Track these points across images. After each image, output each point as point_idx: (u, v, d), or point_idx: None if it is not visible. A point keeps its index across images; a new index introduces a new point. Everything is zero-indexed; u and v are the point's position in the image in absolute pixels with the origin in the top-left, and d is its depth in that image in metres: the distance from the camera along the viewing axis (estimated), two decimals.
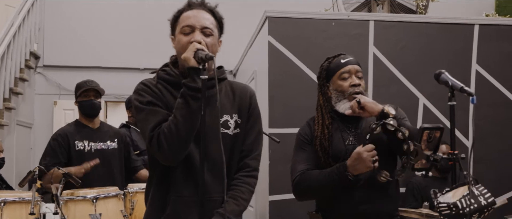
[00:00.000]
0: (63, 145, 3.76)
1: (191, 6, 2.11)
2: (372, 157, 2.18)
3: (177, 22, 2.11)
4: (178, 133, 1.88)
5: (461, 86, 2.07)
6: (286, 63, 4.31)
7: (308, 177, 2.43)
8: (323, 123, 2.46)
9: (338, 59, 2.48)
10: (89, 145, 3.82)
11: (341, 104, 2.41)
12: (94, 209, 3.23)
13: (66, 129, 3.88)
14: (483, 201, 1.94)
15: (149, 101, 2.00)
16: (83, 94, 3.85)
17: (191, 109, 1.89)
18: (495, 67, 4.62)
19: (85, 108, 3.86)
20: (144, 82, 2.09)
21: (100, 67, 7.18)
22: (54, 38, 7.30)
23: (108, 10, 7.43)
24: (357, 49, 4.43)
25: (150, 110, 1.98)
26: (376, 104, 2.31)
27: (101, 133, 3.93)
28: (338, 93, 2.44)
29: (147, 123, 1.95)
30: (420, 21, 4.68)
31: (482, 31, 4.63)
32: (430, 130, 2.01)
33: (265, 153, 4.30)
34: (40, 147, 6.97)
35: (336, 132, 2.42)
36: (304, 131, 2.57)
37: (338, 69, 2.45)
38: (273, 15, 4.36)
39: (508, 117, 4.57)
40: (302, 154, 2.52)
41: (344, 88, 2.42)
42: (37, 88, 7.24)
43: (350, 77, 2.42)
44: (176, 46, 2.10)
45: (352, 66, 2.44)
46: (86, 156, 3.78)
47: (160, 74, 2.11)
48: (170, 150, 1.90)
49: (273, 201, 4.18)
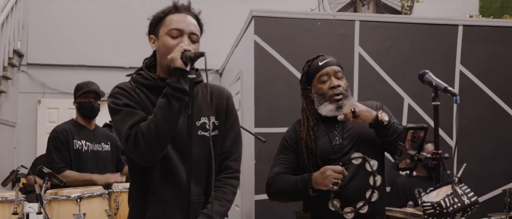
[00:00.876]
0: (64, 142, 3.75)
1: (178, 9, 2.10)
2: (335, 178, 2.21)
3: (162, 23, 2.08)
4: (157, 132, 1.86)
5: (445, 87, 2.08)
6: (272, 63, 4.31)
7: (279, 180, 2.48)
8: (308, 125, 2.48)
9: (316, 62, 2.51)
10: (86, 145, 3.82)
11: (323, 107, 2.43)
12: (78, 208, 3.21)
13: (65, 127, 3.87)
14: (466, 200, 1.96)
15: (126, 103, 1.98)
16: (83, 95, 3.84)
17: (173, 109, 1.88)
18: (478, 68, 4.67)
19: (84, 109, 3.86)
20: (121, 85, 2.07)
21: (85, 65, 7.12)
22: (38, 36, 7.22)
23: (93, 9, 7.37)
24: (343, 49, 4.45)
25: (128, 111, 1.96)
26: (370, 111, 2.33)
27: (96, 135, 3.93)
28: (319, 96, 2.46)
29: (124, 123, 1.93)
30: (405, 22, 4.71)
31: (466, 32, 4.68)
32: (414, 130, 2.03)
33: (251, 152, 4.30)
34: (24, 146, 6.94)
35: (322, 133, 2.44)
36: (289, 135, 2.59)
37: (317, 72, 2.48)
38: (259, 15, 4.36)
39: (491, 117, 4.62)
40: (281, 157, 2.56)
41: (324, 90, 2.44)
42: (21, 86, 7.16)
43: (329, 79, 2.44)
44: (159, 48, 2.07)
45: (330, 68, 2.45)
46: (83, 156, 3.78)
47: (136, 78, 2.08)
48: (147, 149, 1.88)
49: (259, 200, 4.18)
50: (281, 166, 2.52)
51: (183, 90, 1.89)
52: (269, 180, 2.52)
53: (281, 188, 2.47)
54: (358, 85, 4.43)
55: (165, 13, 2.10)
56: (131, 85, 2.07)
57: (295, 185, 2.38)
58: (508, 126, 4.66)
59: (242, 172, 4.90)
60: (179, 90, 1.88)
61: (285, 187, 2.44)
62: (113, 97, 2.02)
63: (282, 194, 2.51)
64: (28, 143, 6.98)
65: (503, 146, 4.61)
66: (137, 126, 1.90)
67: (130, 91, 2.03)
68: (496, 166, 4.56)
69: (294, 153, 2.50)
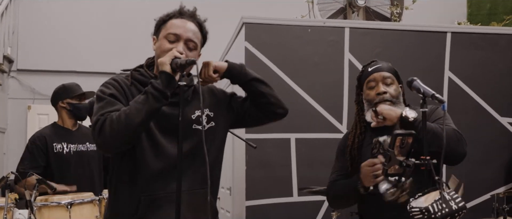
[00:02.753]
0: (41, 148, 3.70)
1: (182, 14, 2.12)
2: (372, 172, 2.16)
3: (164, 26, 2.11)
4: (126, 123, 1.85)
5: (433, 93, 2.10)
6: (262, 69, 4.32)
7: (334, 187, 2.50)
8: (355, 133, 2.46)
9: (367, 68, 2.48)
10: (68, 147, 3.78)
11: (368, 113, 2.40)
12: (68, 215, 3.20)
13: (43, 132, 3.83)
14: (454, 205, 1.98)
15: (112, 94, 1.99)
16: (77, 97, 3.82)
17: (149, 107, 1.88)
18: (467, 74, 4.72)
19: (80, 110, 3.82)
20: (116, 77, 2.09)
21: (75, 71, 7.10)
22: (28, 42, 7.20)
23: (84, 14, 7.36)
24: (333, 56, 4.48)
25: (109, 100, 1.96)
26: (394, 109, 2.27)
27: (79, 135, 3.89)
28: (367, 102, 2.43)
29: (101, 110, 1.93)
30: (395, 29, 4.75)
31: (454, 39, 4.73)
32: (403, 136, 2.05)
33: (242, 158, 4.31)
34: (14, 153, 6.89)
35: (368, 141, 2.39)
36: (341, 141, 2.59)
37: (366, 78, 2.45)
38: (250, 21, 4.38)
39: (479, 123, 4.67)
40: (336, 164, 2.58)
41: (370, 97, 2.40)
42: (11, 92, 7.13)
43: (376, 85, 2.40)
44: (156, 49, 2.11)
45: (378, 74, 2.42)
46: (65, 158, 3.74)
47: (134, 74, 2.11)
48: (111, 136, 1.86)
49: (250, 206, 4.19)
50: (336, 173, 2.53)
51: (164, 94, 1.91)
52: (327, 189, 2.57)
53: (336, 194, 2.49)
54: (348, 92, 4.46)
55: (169, 17, 2.13)
56: (127, 80, 2.08)
57: (347, 188, 2.37)
58: (495, 131, 4.71)
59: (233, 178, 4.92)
60: (159, 92, 1.90)
61: (340, 192, 2.46)
62: (103, 85, 2.05)
63: (340, 199, 2.52)
64: (18, 149, 6.89)
65: (491, 152, 4.66)
66: (108, 114, 1.90)
67: (123, 85, 2.05)
68: (484, 171, 4.61)
69: (346, 157, 2.50)
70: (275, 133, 4.30)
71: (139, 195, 2.01)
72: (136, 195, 2.01)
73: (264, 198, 4.22)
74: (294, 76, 4.39)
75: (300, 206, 4.25)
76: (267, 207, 4.22)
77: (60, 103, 3.84)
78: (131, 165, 2.02)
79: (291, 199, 4.28)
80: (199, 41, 2.15)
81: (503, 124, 4.73)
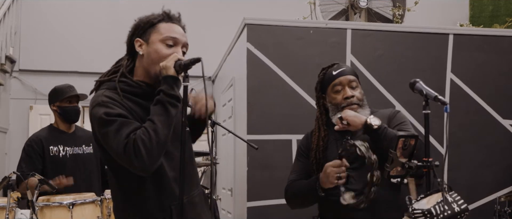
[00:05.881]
0: (37, 150, 3.69)
1: (171, 19, 2.08)
2: (336, 173, 2.19)
3: (154, 29, 2.05)
4: (158, 139, 1.83)
5: (435, 95, 2.10)
6: (264, 70, 4.33)
7: (293, 186, 2.51)
8: (319, 135, 2.46)
9: (331, 71, 2.46)
10: (64, 149, 3.76)
11: (336, 117, 2.38)
12: (70, 215, 3.19)
13: (39, 134, 3.81)
14: (456, 207, 1.98)
15: (120, 113, 1.90)
16: (67, 100, 3.80)
17: (170, 115, 1.89)
18: (469, 76, 4.72)
19: (69, 113, 3.80)
20: (108, 95, 1.96)
21: (77, 71, 7.11)
22: (30, 42, 7.21)
23: (85, 15, 7.37)
24: (335, 57, 4.47)
25: (123, 121, 1.87)
26: (359, 117, 2.27)
27: (76, 137, 3.87)
28: (332, 106, 2.42)
29: (119, 133, 1.84)
30: (397, 30, 4.76)
31: (456, 41, 4.73)
32: (405, 138, 2.04)
33: (243, 159, 4.31)
34: (15, 153, 6.86)
35: (332, 143, 2.41)
36: (302, 142, 2.60)
37: (331, 82, 2.43)
38: (252, 23, 4.39)
39: (482, 125, 4.67)
40: (296, 164, 2.59)
41: (337, 101, 2.40)
42: (13, 92, 7.13)
43: (343, 89, 2.40)
44: (150, 54, 2.02)
45: (344, 77, 2.41)
46: (61, 161, 3.72)
47: (123, 87, 2.01)
48: (149, 157, 1.81)
49: (251, 207, 4.19)
50: (296, 173, 2.55)
51: (177, 97, 1.91)
52: (286, 187, 2.57)
53: (295, 193, 2.50)
54: None
55: (158, 20, 2.07)
56: (117, 94, 1.98)
57: (307, 188, 2.39)
58: (498, 133, 4.70)
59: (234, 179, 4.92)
60: (174, 97, 1.90)
61: (298, 192, 2.48)
62: (104, 106, 1.91)
63: (297, 198, 2.53)
64: (20, 149, 6.88)
65: (493, 154, 4.66)
66: (133, 134, 1.83)
67: (119, 100, 1.95)
68: (486, 173, 4.60)
69: (308, 160, 2.51)
70: (276, 134, 4.30)
71: (169, 204, 1.99)
72: (165, 205, 2.00)
73: (265, 199, 4.22)
74: (296, 77, 4.39)
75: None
76: (268, 208, 4.22)
77: (52, 106, 3.84)
78: (154, 177, 1.97)
79: None
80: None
81: (505, 126, 4.73)
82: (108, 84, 2.04)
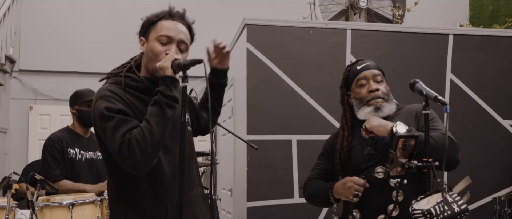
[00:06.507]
0: (60, 150, 3.70)
1: (172, 16, 2.10)
2: (355, 190, 2.19)
3: (153, 27, 2.08)
4: (152, 139, 1.85)
5: (435, 96, 2.10)
6: (264, 71, 4.33)
7: (310, 184, 2.52)
8: (343, 135, 2.44)
9: (355, 66, 2.46)
10: (80, 153, 3.77)
11: (361, 111, 2.38)
12: (70, 215, 3.19)
13: (59, 135, 3.80)
14: (456, 208, 1.98)
15: (120, 109, 1.93)
16: (85, 103, 3.80)
17: (167, 116, 1.90)
18: (468, 76, 4.72)
19: (87, 117, 3.77)
20: (111, 89, 2.01)
21: (77, 72, 7.10)
22: (30, 42, 7.20)
23: (85, 15, 7.37)
24: (335, 57, 4.48)
25: (121, 118, 1.91)
26: (384, 125, 2.22)
27: (91, 142, 3.87)
28: (357, 101, 2.41)
29: (116, 131, 1.88)
30: (397, 31, 4.76)
31: (456, 41, 4.73)
32: (405, 138, 2.04)
33: (243, 159, 4.31)
34: (15, 153, 6.90)
35: (357, 141, 2.39)
36: (328, 142, 2.60)
37: (355, 76, 2.43)
38: (252, 23, 4.39)
39: (482, 125, 4.67)
40: (318, 162, 2.60)
41: (362, 95, 2.39)
42: (13, 92, 7.13)
43: (367, 83, 2.39)
44: (147, 52, 2.07)
45: (369, 71, 2.41)
46: (77, 164, 3.73)
47: (128, 82, 2.05)
48: (142, 157, 1.85)
49: (251, 207, 4.19)
50: (316, 171, 2.56)
51: (175, 97, 1.92)
52: (304, 183, 2.58)
53: (310, 192, 2.51)
54: None
55: (159, 18, 2.09)
56: (121, 89, 2.02)
57: (319, 191, 2.41)
58: (497, 134, 4.70)
59: (234, 179, 4.93)
60: (171, 98, 1.91)
61: (313, 191, 2.49)
62: (106, 100, 1.95)
63: (310, 197, 2.54)
64: (20, 149, 6.95)
65: (493, 154, 4.66)
66: (129, 134, 1.86)
67: (120, 94, 1.99)
68: (486, 174, 4.60)
69: (331, 160, 2.50)
70: (276, 134, 4.30)
71: (165, 202, 2.00)
72: (162, 203, 2.01)
73: (265, 199, 4.22)
74: (296, 77, 4.39)
75: (301, 208, 4.25)
76: (268, 208, 4.22)
77: (71, 110, 3.86)
78: (151, 175, 1.99)
79: (292, 201, 4.28)
80: (189, 42, 2.14)
81: (505, 126, 4.73)
82: (115, 78, 2.09)
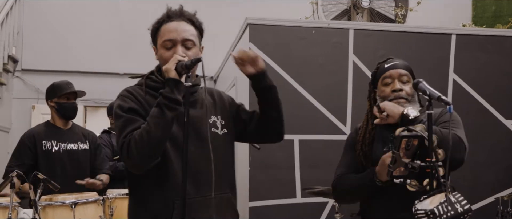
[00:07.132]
0: (29, 146, 3.75)
1: (171, 17, 2.10)
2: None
3: (158, 34, 2.10)
4: (149, 140, 1.87)
5: (439, 95, 2.09)
6: (266, 70, 4.32)
7: (343, 181, 2.44)
8: (366, 128, 2.43)
9: (383, 64, 2.46)
10: (57, 145, 3.80)
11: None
12: (72, 214, 3.20)
13: (34, 130, 3.91)
14: (459, 208, 1.97)
15: (130, 108, 1.99)
16: (64, 96, 3.84)
17: (166, 118, 1.90)
18: (471, 76, 4.71)
19: (67, 110, 3.85)
20: (130, 89, 2.08)
21: (79, 71, 7.10)
22: (33, 42, 7.21)
23: (88, 15, 7.37)
24: (337, 57, 4.48)
25: (128, 118, 1.96)
26: (397, 107, 2.24)
27: (71, 134, 3.91)
28: (381, 99, 2.40)
29: (122, 130, 1.94)
30: (399, 30, 4.75)
31: (459, 41, 4.72)
32: (408, 138, 2.04)
33: (245, 159, 4.31)
34: None
35: (379, 137, 2.38)
36: (351, 136, 2.56)
37: (382, 74, 2.43)
38: (254, 22, 4.39)
39: (484, 126, 4.66)
40: (344, 158, 2.53)
41: (385, 93, 2.38)
42: (15, 92, 7.14)
43: (392, 82, 2.39)
44: (159, 59, 2.11)
45: (394, 71, 2.41)
46: (53, 156, 3.77)
47: (147, 82, 2.10)
48: (139, 157, 1.88)
49: (253, 207, 4.19)
50: (344, 167, 2.49)
51: (176, 100, 1.92)
52: (334, 182, 2.49)
53: (347, 188, 2.42)
54: (352, 93, 4.45)
55: (160, 23, 2.11)
56: (141, 90, 2.08)
57: (361, 181, 2.32)
58: (500, 134, 4.70)
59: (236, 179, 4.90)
60: (171, 100, 1.91)
61: (350, 187, 2.40)
62: (119, 99, 2.03)
63: (348, 194, 2.45)
64: None
65: (496, 154, 4.65)
66: (131, 134, 1.90)
67: (138, 96, 2.04)
68: (489, 174, 4.60)
69: (354, 153, 2.46)
70: None
71: (172, 200, 1.99)
72: (169, 200, 2.00)
73: (267, 199, 4.22)
74: (298, 77, 4.39)
75: (303, 208, 4.25)
76: (270, 208, 4.22)
77: (49, 102, 3.88)
78: (160, 172, 2.00)
79: (294, 201, 4.28)
80: (196, 36, 2.12)
81: (507, 126, 4.72)
82: (140, 80, 2.15)
